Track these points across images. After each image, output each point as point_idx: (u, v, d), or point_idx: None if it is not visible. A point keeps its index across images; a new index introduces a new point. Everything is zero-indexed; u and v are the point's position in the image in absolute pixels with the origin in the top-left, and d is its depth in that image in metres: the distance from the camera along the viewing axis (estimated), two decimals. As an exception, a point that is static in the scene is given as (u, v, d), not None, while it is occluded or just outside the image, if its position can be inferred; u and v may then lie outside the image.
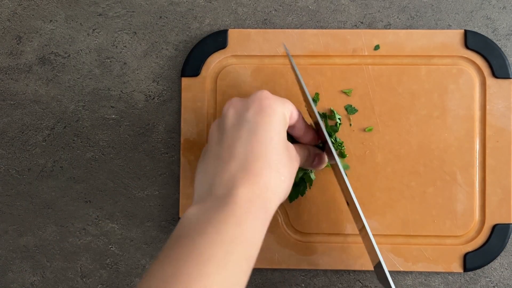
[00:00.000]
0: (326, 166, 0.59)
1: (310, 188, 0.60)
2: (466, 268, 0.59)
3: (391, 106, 0.60)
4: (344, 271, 0.61)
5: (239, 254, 0.43)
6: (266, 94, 0.50)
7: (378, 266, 0.53)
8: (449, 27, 0.61)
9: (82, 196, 0.63)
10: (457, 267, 0.60)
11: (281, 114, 0.49)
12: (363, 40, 0.60)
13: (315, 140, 0.55)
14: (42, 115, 0.63)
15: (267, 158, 0.47)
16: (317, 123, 0.54)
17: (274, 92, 0.61)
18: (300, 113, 0.52)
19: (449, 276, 0.61)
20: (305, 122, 0.54)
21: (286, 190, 0.49)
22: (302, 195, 0.59)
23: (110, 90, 0.63)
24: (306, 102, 0.56)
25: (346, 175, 0.54)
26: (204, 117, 0.61)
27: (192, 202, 0.49)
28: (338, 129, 0.60)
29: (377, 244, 0.60)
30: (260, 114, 0.48)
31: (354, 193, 0.60)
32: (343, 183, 0.54)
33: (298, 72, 0.54)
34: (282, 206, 0.61)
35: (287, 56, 0.61)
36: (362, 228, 0.54)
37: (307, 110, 0.58)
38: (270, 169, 0.47)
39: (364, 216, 0.60)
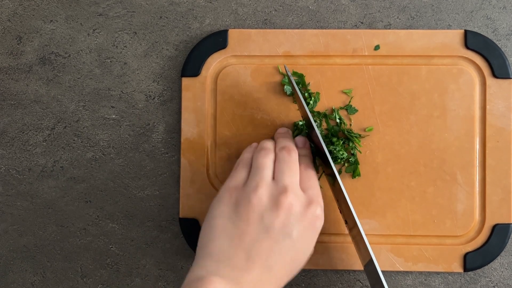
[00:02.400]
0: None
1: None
2: (466, 268, 0.59)
3: (391, 106, 0.60)
4: (344, 271, 0.61)
5: None
6: (319, 212, 0.51)
7: (368, 264, 0.54)
8: (449, 27, 0.61)
9: (83, 196, 0.63)
10: (457, 267, 0.60)
11: (322, 225, 0.52)
12: (363, 40, 0.60)
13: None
14: (43, 115, 0.63)
15: (286, 279, 0.50)
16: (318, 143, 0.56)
17: (273, 91, 0.61)
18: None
19: (449, 276, 0.61)
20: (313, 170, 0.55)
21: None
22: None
23: (110, 90, 0.63)
24: (304, 116, 0.57)
25: (337, 170, 0.55)
26: (204, 117, 0.61)
27: (202, 263, 0.49)
28: (339, 129, 0.60)
29: (377, 244, 0.60)
30: (307, 234, 0.50)
31: (354, 193, 0.60)
32: (336, 181, 0.55)
33: (300, 94, 0.55)
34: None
35: (287, 56, 0.61)
36: (353, 227, 0.54)
37: (302, 116, 0.58)
38: (284, 283, 0.50)
39: (364, 216, 0.60)
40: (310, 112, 0.58)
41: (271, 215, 0.49)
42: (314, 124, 0.55)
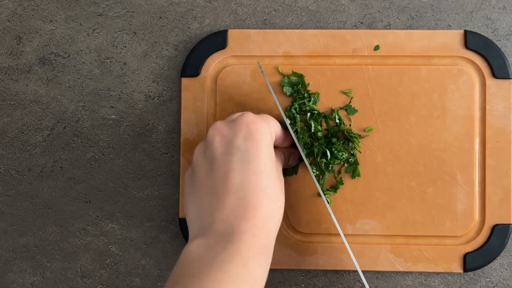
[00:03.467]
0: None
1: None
2: (466, 269, 0.59)
3: (391, 106, 0.60)
4: (344, 271, 0.61)
5: None
6: (251, 117, 0.49)
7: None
8: (449, 27, 0.61)
9: (82, 196, 0.63)
10: (457, 267, 0.60)
11: (268, 135, 0.49)
12: (363, 40, 0.60)
13: (291, 144, 0.57)
14: (42, 115, 0.63)
15: (263, 188, 0.47)
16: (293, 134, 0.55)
17: (274, 92, 0.61)
18: (279, 125, 0.53)
19: (449, 276, 0.61)
20: (283, 130, 0.54)
21: (282, 212, 0.49)
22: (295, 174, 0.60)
23: (110, 90, 0.63)
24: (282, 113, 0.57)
25: (317, 178, 0.56)
26: (204, 117, 0.61)
27: (189, 236, 0.48)
28: (338, 129, 0.60)
29: (377, 244, 0.60)
30: (250, 140, 0.48)
31: (354, 193, 0.60)
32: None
33: (270, 87, 0.55)
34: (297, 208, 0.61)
35: (287, 56, 0.61)
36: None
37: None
38: (268, 199, 0.47)
39: (364, 216, 0.60)
40: (284, 110, 0.58)
41: (209, 150, 0.49)
42: (286, 120, 0.54)
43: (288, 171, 0.60)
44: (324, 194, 0.59)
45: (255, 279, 0.44)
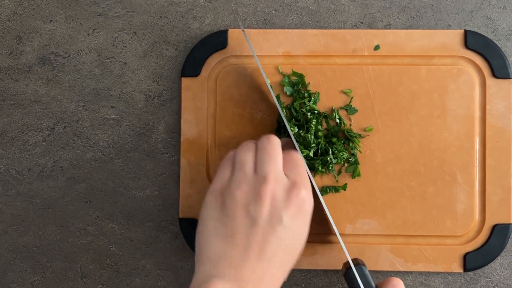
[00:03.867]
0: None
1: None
2: (466, 268, 0.59)
3: (391, 106, 0.60)
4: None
5: None
6: (304, 194, 0.50)
7: (348, 271, 0.55)
8: (449, 27, 0.61)
9: (82, 196, 0.63)
10: (457, 267, 0.60)
11: (312, 207, 0.51)
12: (363, 40, 0.60)
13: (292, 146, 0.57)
14: (42, 115, 0.63)
15: (288, 268, 0.50)
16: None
17: (274, 92, 0.61)
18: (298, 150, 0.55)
19: (449, 276, 0.61)
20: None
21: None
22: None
23: (110, 90, 0.63)
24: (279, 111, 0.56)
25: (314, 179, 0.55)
26: (204, 117, 0.61)
27: (199, 270, 0.49)
28: (338, 129, 0.60)
29: (377, 244, 0.60)
30: (297, 219, 0.50)
31: (354, 193, 0.60)
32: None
33: (269, 85, 0.55)
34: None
35: (287, 56, 0.61)
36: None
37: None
38: (287, 272, 0.50)
39: (364, 216, 0.60)
40: (281, 108, 0.58)
41: (255, 207, 0.49)
42: (285, 120, 0.54)
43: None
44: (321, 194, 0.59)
45: None
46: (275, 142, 0.52)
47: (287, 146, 0.56)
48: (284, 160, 0.52)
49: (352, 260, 0.55)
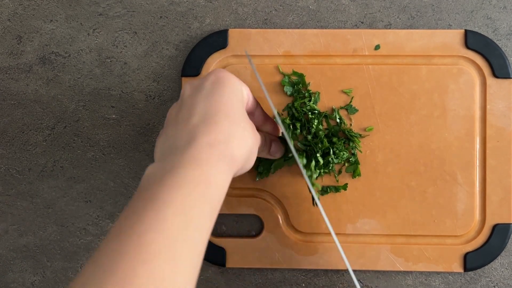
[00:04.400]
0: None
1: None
2: (466, 268, 0.59)
3: (392, 106, 0.60)
4: (345, 271, 0.61)
5: (199, 195, 0.40)
6: (223, 70, 0.48)
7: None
8: (449, 27, 0.61)
9: (83, 196, 0.63)
10: (457, 267, 0.60)
11: (238, 86, 0.48)
12: (363, 40, 0.60)
13: (275, 131, 0.55)
14: (43, 115, 0.63)
15: (227, 111, 0.45)
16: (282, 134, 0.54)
17: (273, 91, 0.61)
18: (256, 101, 0.52)
19: (450, 276, 0.61)
20: (263, 111, 0.53)
21: (250, 147, 0.46)
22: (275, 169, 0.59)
23: (110, 90, 0.63)
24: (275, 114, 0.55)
25: (309, 177, 0.55)
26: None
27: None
28: (339, 129, 0.60)
29: (377, 244, 0.60)
30: (217, 83, 0.47)
31: (354, 193, 0.60)
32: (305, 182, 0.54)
33: (261, 82, 0.54)
34: (282, 206, 0.61)
35: (287, 56, 0.61)
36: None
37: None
38: (231, 121, 0.45)
39: (365, 216, 0.60)
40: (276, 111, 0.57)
41: (180, 98, 0.48)
42: (279, 120, 0.54)
43: (278, 163, 0.60)
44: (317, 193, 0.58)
45: (211, 181, 0.42)
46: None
47: (266, 125, 0.55)
48: None
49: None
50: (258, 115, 0.53)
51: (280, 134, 0.56)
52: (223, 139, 0.44)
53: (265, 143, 0.53)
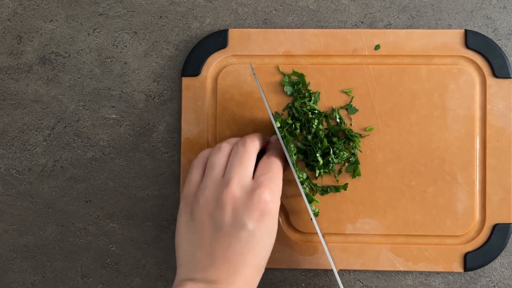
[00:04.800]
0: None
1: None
2: (466, 268, 0.59)
3: (392, 105, 0.60)
4: (345, 270, 0.61)
5: None
6: (267, 196, 0.50)
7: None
8: (449, 26, 0.61)
9: (83, 196, 0.63)
10: (457, 267, 0.60)
11: (277, 208, 0.51)
12: (363, 39, 0.60)
13: (277, 144, 0.56)
14: (43, 115, 0.63)
15: (257, 265, 0.50)
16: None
17: (273, 91, 0.61)
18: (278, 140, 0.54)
19: (450, 276, 0.61)
20: (268, 140, 0.55)
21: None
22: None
23: (110, 90, 0.63)
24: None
25: (301, 182, 0.56)
26: (205, 117, 0.61)
27: (178, 273, 0.50)
28: (339, 129, 0.60)
29: (377, 244, 0.60)
30: (260, 223, 0.49)
31: (354, 192, 0.60)
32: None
33: (262, 93, 0.55)
34: (282, 206, 0.61)
35: (287, 55, 0.61)
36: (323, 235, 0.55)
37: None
38: (257, 272, 0.50)
39: (365, 215, 0.60)
40: (271, 113, 0.57)
41: (218, 212, 0.49)
42: (275, 124, 0.54)
43: None
44: (310, 200, 0.58)
45: None
46: (251, 146, 0.52)
47: (275, 145, 0.56)
48: (260, 164, 0.52)
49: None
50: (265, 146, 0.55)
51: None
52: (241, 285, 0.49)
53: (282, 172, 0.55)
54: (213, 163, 0.52)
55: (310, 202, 0.56)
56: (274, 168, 0.51)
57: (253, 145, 0.52)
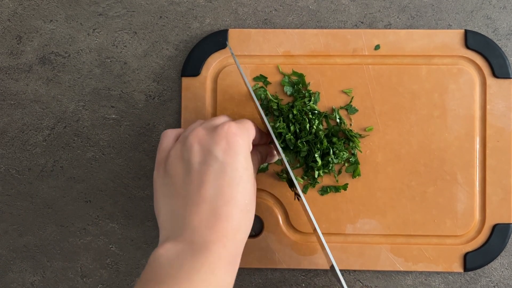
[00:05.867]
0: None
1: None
2: (466, 268, 0.59)
3: (392, 106, 0.60)
4: (344, 270, 0.61)
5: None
6: (233, 128, 0.48)
7: (332, 268, 0.53)
8: (449, 27, 0.61)
9: (82, 196, 0.63)
10: (457, 267, 0.60)
11: (247, 147, 0.49)
12: (363, 40, 0.60)
13: (267, 140, 0.56)
14: (42, 115, 0.63)
15: (237, 200, 0.47)
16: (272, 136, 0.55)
17: (274, 91, 0.61)
18: (257, 127, 0.53)
19: (450, 276, 0.61)
20: (259, 130, 0.54)
21: (252, 222, 0.49)
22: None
23: (110, 90, 0.63)
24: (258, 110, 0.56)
25: (295, 175, 0.55)
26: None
27: (160, 235, 0.48)
28: (339, 129, 0.60)
29: (377, 244, 0.60)
30: (228, 153, 0.48)
31: (354, 192, 0.60)
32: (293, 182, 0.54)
33: (247, 82, 0.54)
34: (282, 206, 0.61)
35: (287, 56, 0.61)
36: (314, 230, 0.54)
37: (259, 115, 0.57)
38: (240, 211, 0.47)
39: (365, 215, 0.60)
40: (264, 113, 0.57)
41: (187, 154, 0.48)
42: (268, 125, 0.54)
43: (261, 168, 0.60)
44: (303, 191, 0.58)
45: (222, 286, 0.45)
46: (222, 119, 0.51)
47: (262, 140, 0.55)
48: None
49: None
50: (255, 139, 0.53)
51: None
52: (232, 235, 0.47)
53: (261, 158, 0.55)
54: (186, 130, 0.51)
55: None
56: (246, 122, 0.51)
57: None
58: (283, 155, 0.53)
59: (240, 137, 0.48)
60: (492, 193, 0.59)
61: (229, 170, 0.47)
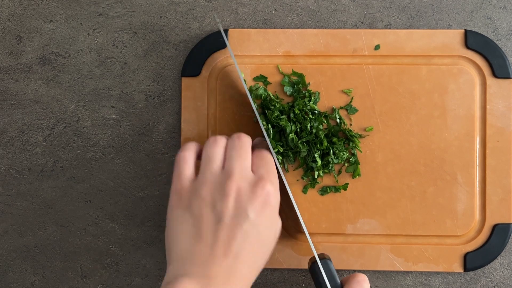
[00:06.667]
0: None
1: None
2: (466, 268, 0.59)
3: (392, 106, 0.60)
4: (344, 270, 0.61)
5: None
6: (273, 189, 0.50)
7: (313, 265, 0.54)
8: (449, 27, 0.61)
9: (83, 196, 0.63)
10: (457, 267, 0.60)
11: (278, 204, 0.51)
12: (363, 40, 0.60)
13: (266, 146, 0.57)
14: (43, 115, 0.63)
15: (255, 262, 0.50)
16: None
17: (274, 91, 0.61)
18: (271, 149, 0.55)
19: (450, 276, 0.61)
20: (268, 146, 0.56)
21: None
22: None
23: (110, 90, 0.63)
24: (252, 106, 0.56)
25: (286, 180, 0.56)
26: (205, 117, 0.61)
27: (171, 270, 0.49)
28: (339, 129, 0.60)
29: (377, 244, 0.60)
30: (263, 215, 0.50)
31: (355, 192, 0.60)
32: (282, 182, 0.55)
33: (245, 86, 0.55)
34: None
35: (287, 56, 0.61)
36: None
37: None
38: (257, 271, 0.50)
39: (365, 216, 0.60)
40: (259, 114, 0.58)
41: (221, 203, 0.49)
42: (259, 119, 0.54)
43: None
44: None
45: None
46: (245, 140, 0.52)
47: (260, 145, 0.56)
48: (253, 158, 0.52)
49: (319, 255, 0.55)
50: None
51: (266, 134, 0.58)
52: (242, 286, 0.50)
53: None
54: (210, 155, 0.52)
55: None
56: (269, 161, 0.52)
57: (247, 139, 0.53)
58: (275, 157, 0.54)
59: (274, 196, 0.50)
60: (492, 193, 0.59)
61: (258, 230, 0.49)
